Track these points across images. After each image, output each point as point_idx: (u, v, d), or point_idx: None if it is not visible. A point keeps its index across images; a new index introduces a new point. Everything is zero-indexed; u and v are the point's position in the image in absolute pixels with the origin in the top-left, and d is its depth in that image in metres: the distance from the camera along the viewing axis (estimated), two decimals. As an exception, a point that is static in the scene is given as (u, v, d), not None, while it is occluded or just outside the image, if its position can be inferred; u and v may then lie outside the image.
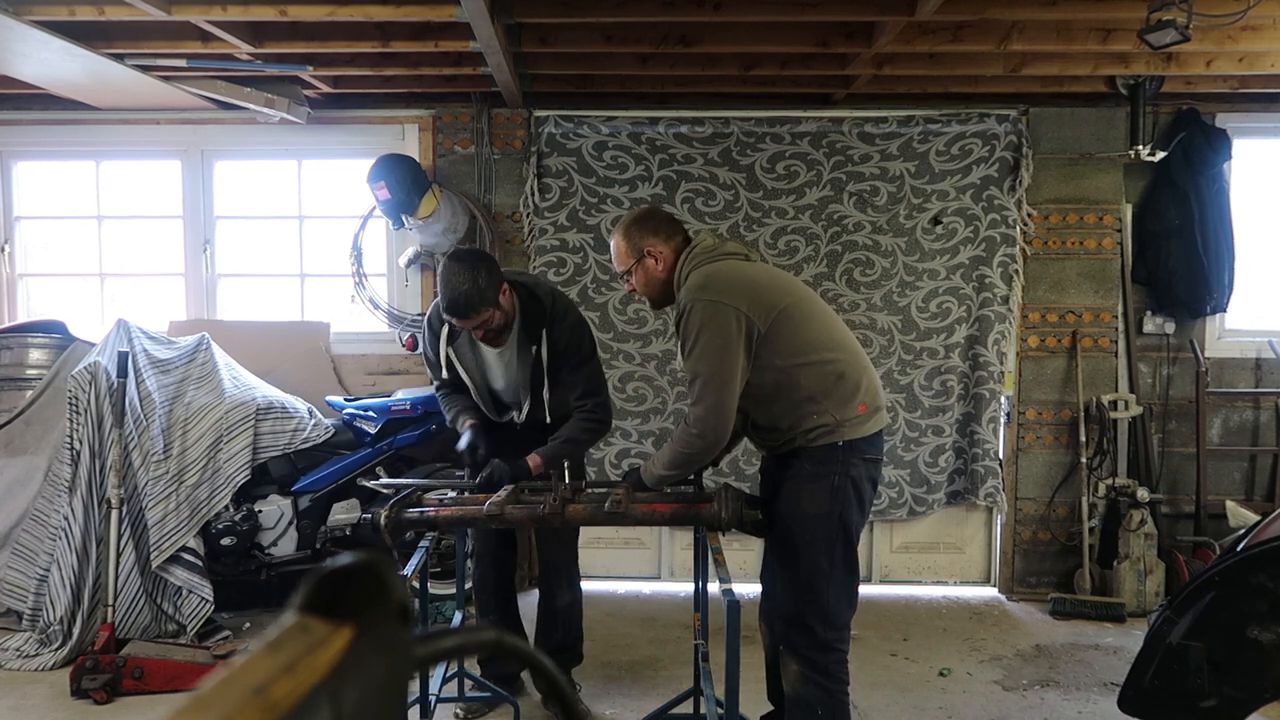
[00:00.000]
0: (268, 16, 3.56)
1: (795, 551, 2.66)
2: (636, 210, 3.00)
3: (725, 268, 2.71)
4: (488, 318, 3.14)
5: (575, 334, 3.30)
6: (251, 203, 5.23)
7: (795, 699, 2.68)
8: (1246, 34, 3.84)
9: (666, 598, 4.94)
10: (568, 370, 3.30)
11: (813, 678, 2.64)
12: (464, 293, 3.04)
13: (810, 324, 2.68)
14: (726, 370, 2.59)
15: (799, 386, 2.62)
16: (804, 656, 2.65)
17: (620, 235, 2.88)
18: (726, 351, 2.58)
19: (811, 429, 2.63)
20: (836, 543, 2.64)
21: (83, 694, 3.55)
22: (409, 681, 0.65)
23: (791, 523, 2.67)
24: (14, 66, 3.90)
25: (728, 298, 2.60)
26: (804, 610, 2.65)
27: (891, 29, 3.67)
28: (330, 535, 4.49)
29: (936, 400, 4.89)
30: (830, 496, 2.62)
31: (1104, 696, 3.69)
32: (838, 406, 2.63)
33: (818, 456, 2.64)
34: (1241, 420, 5.02)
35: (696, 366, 2.61)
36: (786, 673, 2.69)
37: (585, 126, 4.88)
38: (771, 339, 2.61)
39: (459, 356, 3.36)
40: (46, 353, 4.58)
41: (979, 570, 5.16)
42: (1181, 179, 4.81)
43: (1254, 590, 2.37)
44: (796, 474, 2.66)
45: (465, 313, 3.09)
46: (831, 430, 2.63)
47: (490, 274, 3.10)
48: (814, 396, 2.62)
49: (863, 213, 4.84)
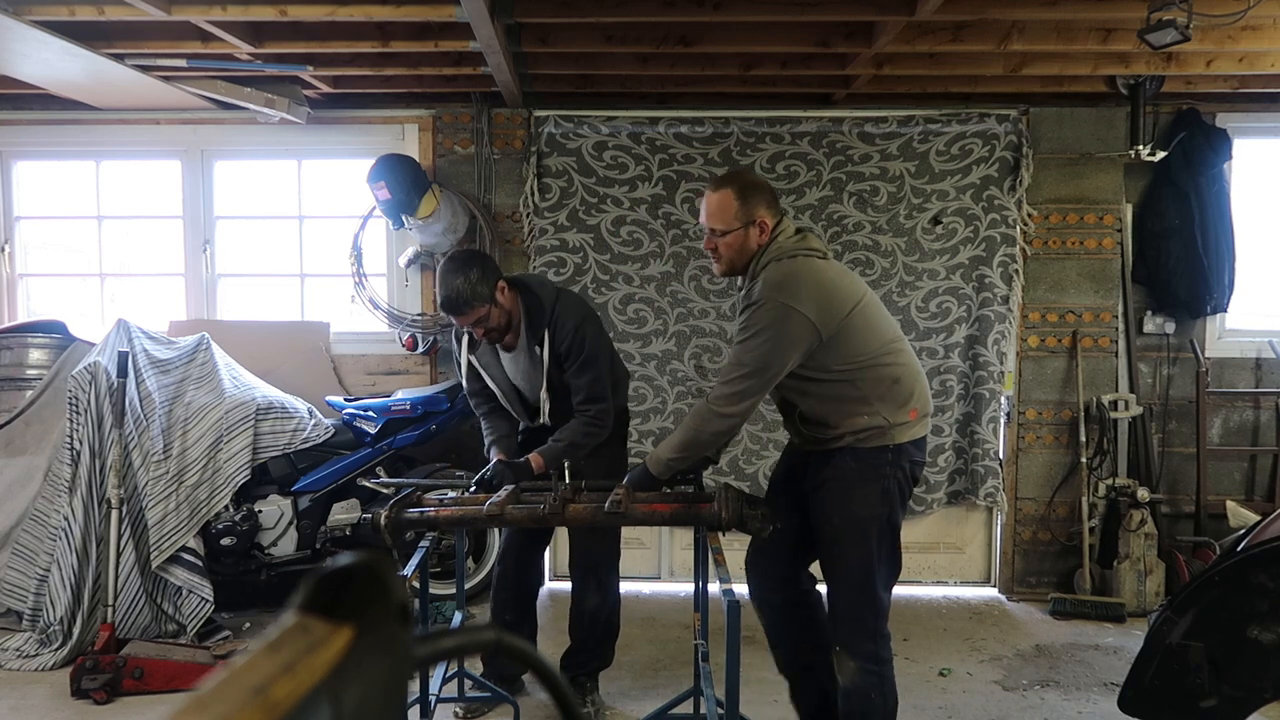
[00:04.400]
0: (268, 16, 3.56)
1: (845, 552, 2.73)
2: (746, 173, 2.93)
3: (805, 268, 2.70)
4: (483, 314, 3.19)
5: (577, 336, 3.29)
6: (251, 203, 5.23)
7: (853, 690, 2.74)
8: (1246, 34, 3.84)
9: (666, 598, 4.94)
10: (572, 372, 3.31)
11: (868, 667, 2.72)
12: (456, 289, 3.13)
13: (872, 328, 2.72)
14: (773, 371, 2.65)
15: (855, 387, 2.68)
16: (863, 650, 2.72)
17: (734, 194, 2.73)
18: (781, 355, 2.63)
19: (863, 430, 2.68)
20: (884, 540, 2.73)
21: (83, 694, 3.55)
22: (409, 681, 0.65)
23: (841, 523, 2.73)
24: (14, 66, 3.90)
25: (802, 304, 2.61)
26: (857, 608, 2.73)
27: (891, 29, 3.66)
28: (330, 535, 4.49)
29: (936, 400, 4.89)
30: (880, 499, 2.70)
31: (1104, 696, 3.69)
32: (891, 410, 2.69)
33: (868, 458, 2.70)
34: (1241, 420, 5.02)
35: (746, 357, 2.65)
36: (843, 669, 2.75)
37: (585, 126, 4.88)
38: (834, 344, 2.65)
39: (482, 364, 3.44)
40: (46, 353, 4.59)
41: (979, 570, 5.16)
42: (1181, 179, 4.81)
43: (1254, 590, 2.37)
44: (844, 474, 2.71)
45: (459, 309, 3.17)
46: (883, 432, 2.68)
47: (484, 272, 3.17)
48: (868, 398, 2.68)
49: (863, 213, 4.84)
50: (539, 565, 3.79)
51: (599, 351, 3.36)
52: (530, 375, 3.40)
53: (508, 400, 3.47)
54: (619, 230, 4.88)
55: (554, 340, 3.28)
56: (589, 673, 3.58)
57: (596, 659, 3.61)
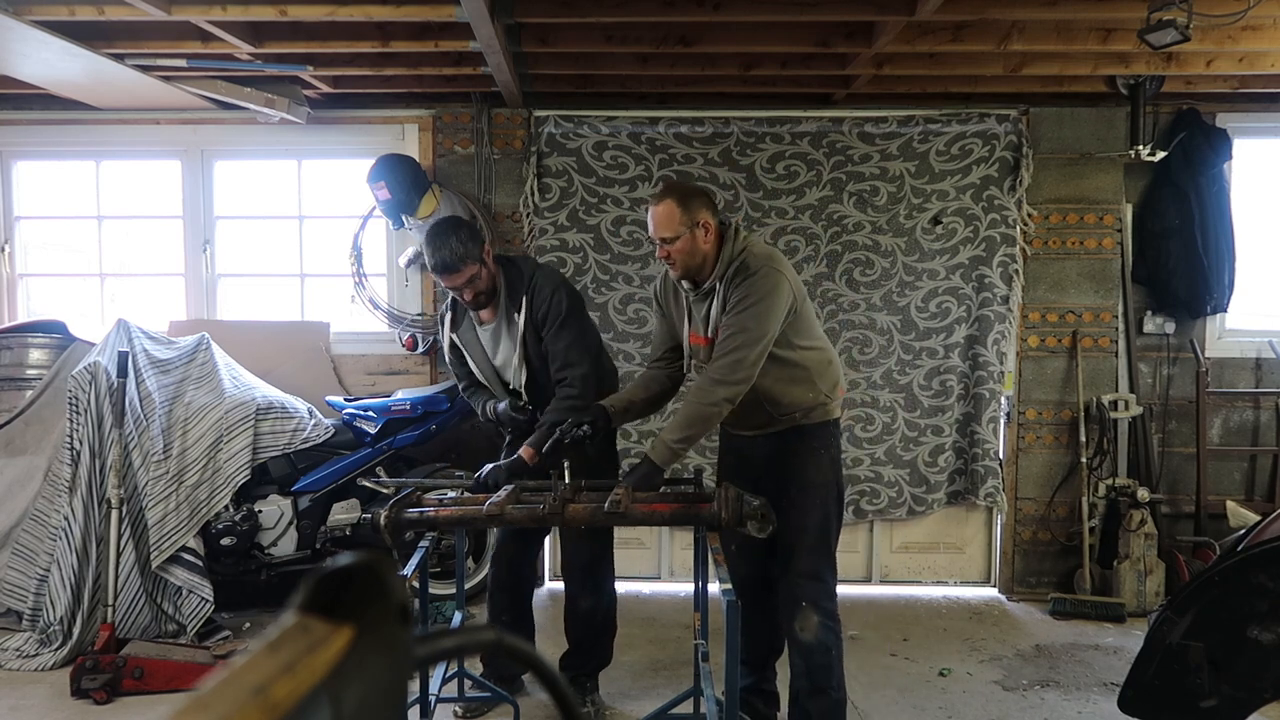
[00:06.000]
0: (268, 16, 3.56)
1: (805, 517, 3.00)
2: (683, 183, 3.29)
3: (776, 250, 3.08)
4: (475, 272, 3.26)
5: (554, 298, 3.31)
6: (251, 203, 5.22)
7: (817, 644, 3.00)
8: (1247, 34, 3.84)
9: (666, 598, 4.94)
10: (550, 337, 3.32)
11: (826, 623, 3.00)
12: (450, 247, 3.19)
13: (809, 314, 3.06)
14: (770, 336, 2.87)
15: (804, 367, 2.99)
16: (822, 607, 3.01)
17: (674, 201, 2.92)
18: (775, 321, 2.87)
19: (811, 407, 3.03)
20: (834, 503, 3.08)
21: (83, 694, 3.55)
22: (409, 681, 0.65)
23: (799, 491, 3.01)
24: (14, 66, 3.90)
25: (788, 274, 2.93)
26: (819, 565, 3.03)
27: (891, 29, 3.66)
28: (330, 535, 4.49)
29: (936, 400, 4.89)
30: (831, 466, 3.08)
31: (1104, 696, 3.69)
32: (829, 388, 3.06)
33: (816, 433, 3.05)
34: (1241, 420, 5.02)
35: (748, 323, 2.84)
36: (807, 624, 2.99)
37: (585, 126, 4.88)
38: (796, 321, 2.95)
39: (464, 342, 3.50)
40: (46, 353, 4.58)
41: (979, 570, 5.16)
42: (1182, 179, 4.81)
43: (1254, 590, 2.37)
44: (799, 449, 3.04)
45: (454, 267, 3.21)
46: (825, 409, 3.06)
47: (471, 232, 3.27)
48: (812, 377, 3.01)
49: (863, 213, 4.84)
50: (533, 566, 3.79)
51: (576, 314, 3.38)
52: (507, 348, 3.43)
53: (486, 380, 3.54)
54: (619, 230, 4.88)
55: (532, 304, 3.31)
56: (588, 672, 3.58)
57: (595, 658, 3.61)
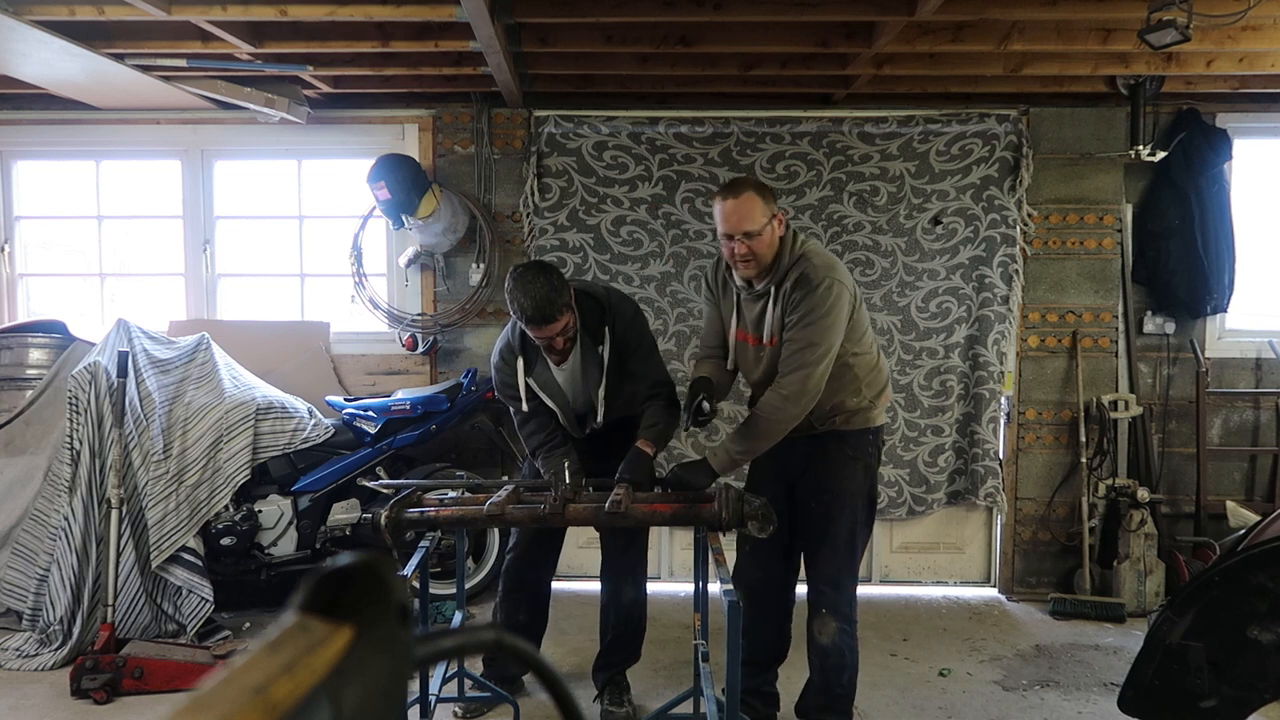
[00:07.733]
0: (268, 16, 3.56)
1: (833, 523, 3.02)
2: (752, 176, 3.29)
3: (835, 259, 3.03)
4: (567, 322, 3.08)
5: (636, 324, 3.27)
6: (251, 203, 5.23)
7: (833, 648, 3.04)
8: (1247, 34, 3.84)
9: (666, 598, 4.94)
10: (636, 360, 3.25)
11: (844, 627, 3.03)
12: (545, 297, 2.96)
13: (864, 319, 3.05)
14: (835, 349, 2.88)
15: (852, 370, 2.97)
16: (842, 613, 3.04)
17: (754, 192, 2.88)
18: (839, 334, 2.88)
19: (854, 412, 3.01)
20: (863, 511, 3.08)
21: (83, 694, 3.55)
22: (409, 681, 0.65)
23: (831, 497, 3.03)
24: (14, 66, 3.90)
25: (848, 282, 2.91)
26: (841, 572, 3.06)
27: (891, 29, 3.66)
28: (330, 535, 4.49)
29: (936, 400, 4.89)
30: (864, 477, 3.07)
31: (1104, 696, 3.69)
32: (875, 394, 3.03)
33: (852, 440, 3.04)
34: (1241, 420, 5.02)
35: (816, 337, 2.84)
36: (825, 629, 3.03)
37: (585, 126, 4.88)
38: (851, 326, 2.94)
39: (540, 384, 3.26)
40: (46, 353, 4.58)
41: (979, 570, 5.16)
42: (1182, 179, 4.81)
43: (1254, 590, 2.37)
44: (836, 456, 3.03)
45: (550, 316, 3.00)
46: (866, 414, 3.03)
47: (560, 278, 3.05)
48: (859, 380, 2.99)
49: (863, 213, 4.84)
50: (553, 566, 3.68)
51: (652, 336, 3.39)
52: (584, 381, 3.29)
53: (565, 417, 3.33)
54: (619, 230, 4.88)
55: (614, 332, 3.19)
56: (623, 671, 3.59)
57: (632, 656, 3.63)
